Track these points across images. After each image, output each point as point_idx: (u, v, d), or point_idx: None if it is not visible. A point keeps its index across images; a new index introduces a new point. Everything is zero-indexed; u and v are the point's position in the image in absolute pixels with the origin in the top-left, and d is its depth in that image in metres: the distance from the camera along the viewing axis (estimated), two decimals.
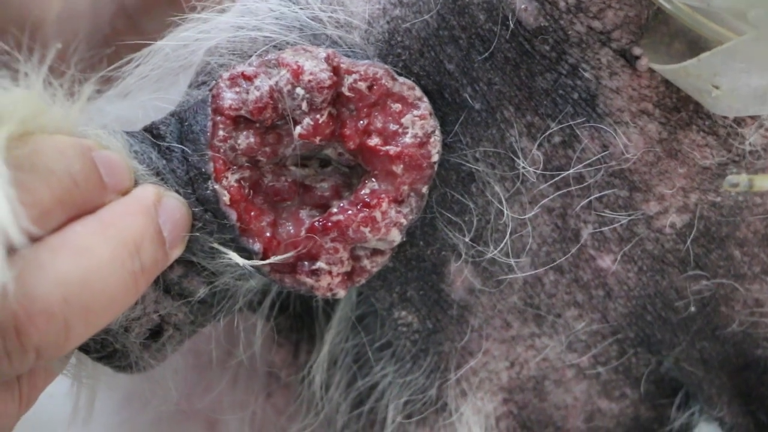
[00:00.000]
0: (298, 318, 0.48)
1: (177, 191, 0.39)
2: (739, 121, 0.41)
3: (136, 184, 0.39)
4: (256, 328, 0.46)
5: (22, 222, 0.32)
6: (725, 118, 0.41)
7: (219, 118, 0.39)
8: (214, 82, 0.40)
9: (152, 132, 0.40)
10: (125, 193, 0.38)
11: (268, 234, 0.40)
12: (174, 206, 0.39)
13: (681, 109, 0.41)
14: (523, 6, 0.40)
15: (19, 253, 0.33)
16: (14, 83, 0.35)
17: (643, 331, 0.45)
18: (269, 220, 0.40)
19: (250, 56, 0.41)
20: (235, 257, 0.39)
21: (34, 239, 0.34)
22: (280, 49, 0.41)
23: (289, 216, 0.41)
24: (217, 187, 0.39)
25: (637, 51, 0.40)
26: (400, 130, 0.40)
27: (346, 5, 0.41)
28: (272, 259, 0.40)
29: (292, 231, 0.41)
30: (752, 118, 0.41)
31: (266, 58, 0.40)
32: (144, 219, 0.37)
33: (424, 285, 0.45)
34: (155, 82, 0.42)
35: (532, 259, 0.44)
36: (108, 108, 0.43)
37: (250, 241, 0.40)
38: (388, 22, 0.41)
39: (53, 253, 0.34)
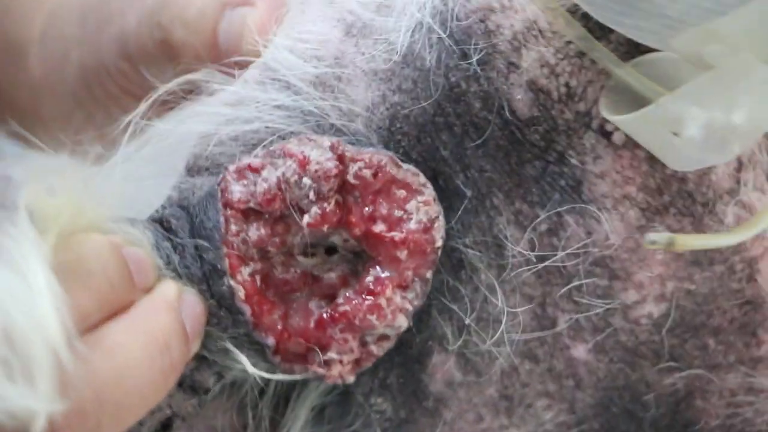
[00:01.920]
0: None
1: (191, 287, 0.40)
2: (715, 199, 0.42)
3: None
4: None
5: (70, 334, 0.33)
6: (704, 194, 0.42)
7: (230, 212, 0.40)
8: (221, 175, 0.40)
9: (162, 224, 0.41)
10: (150, 289, 0.39)
11: (279, 327, 0.41)
12: (193, 301, 0.40)
13: (663, 191, 0.42)
14: (518, 97, 0.41)
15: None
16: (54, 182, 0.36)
17: (609, 423, 0.46)
18: (281, 314, 0.41)
19: (253, 145, 0.41)
20: (246, 365, 0.41)
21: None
22: (283, 138, 0.41)
23: (299, 307, 0.41)
24: (232, 283, 0.40)
25: (609, 127, 0.41)
26: (404, 216, 0.41)
27: (348, 93, 0.42)
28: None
29: (302, 323, 0.41)
30: (728, 193, 0.42)
31: (271, 148, 0.41)
32: (171, 316, 0.38)
33: (406, 373, 0.44)
34: (151, 164, 0.42)
35: (511, 348, 0.44)
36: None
37: (263, 335, 0.40)
38: (387, 109, 0.42)
39: (89, 353, 0.34)
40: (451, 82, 0.42)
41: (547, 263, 0.43)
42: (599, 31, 0.41)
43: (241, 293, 0.40)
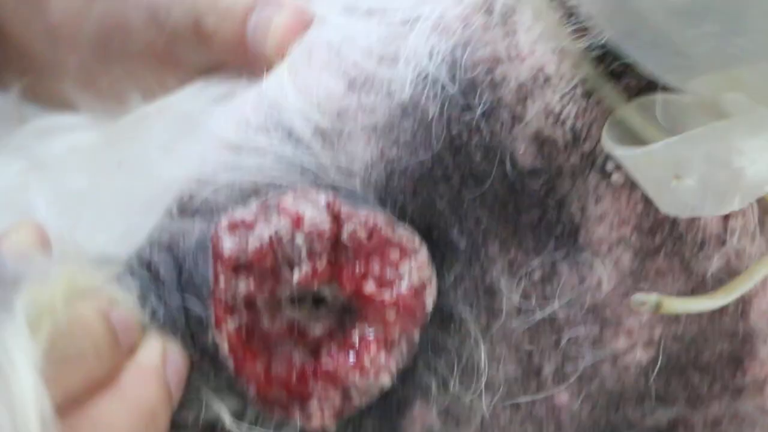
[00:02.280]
0: None
1: (175, 338, 0.39)
2: (704, 242, 0.42)
3: None
4: None
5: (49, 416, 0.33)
6: (694, 237, 0.42)
7: (220, 267, 0.39)
8: (212, 228, 0.39)
9: (149, 268, 0.40)
10: (134, 347, 0.39)
11: (262, 377, 0.40)
12: (177, 359, 0.39)
13: (656, 232, 0.41)
14: (521, 150, 0.40)
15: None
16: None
17: None
18: (263, 364, 0.40)
19: (249, 193, 0.40)
20: (226, 419, 0.40)
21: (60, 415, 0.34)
22: (280, 188, 0.40)
23: (283, 357, 0.41)
24: (216, 337, 0.39)
25: (609, 167, 0.40)
26: (396, 279, 0.40)
27: (348, 150, 0.41)
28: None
29: (284, 374, 0.40)
30: (718, 241, 0.42)
31: (266, 201, 0.39)
32: (157, 385, 0.38)
33: (384, 422, 0.44)
34: (136, 200, 0.41)
35: (492, 396, 0.43)
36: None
37: (245, 384, 0.40)
38: (385, 166, 0.41)
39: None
40: (453, 134, 0.40)
41: (537, 312, 0.42)
42: (609, 75, 0.40)
43: (225, 347, 0.39)
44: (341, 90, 0.42)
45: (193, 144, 0.43)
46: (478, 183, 0.41)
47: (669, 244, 0.42)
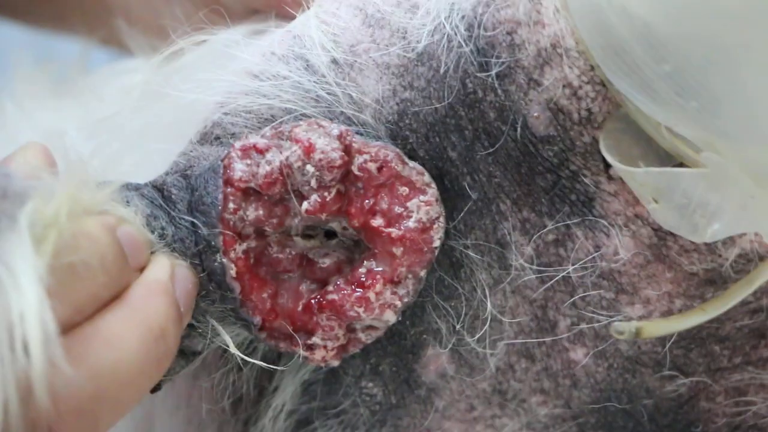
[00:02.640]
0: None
1: (184, 260, 0.40)
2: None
3: None
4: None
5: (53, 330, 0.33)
6: None
7: (229, 189, 0.39)
8: (225, 151, 0.39)
9: (162, 192, 0.40)
10: (143, 267, 0.38)
11: (267, 306, 0.40)
12: (186, 277, 0.39)
13: None
14: (535, 114, 0.39)
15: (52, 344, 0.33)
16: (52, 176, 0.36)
17: (605, 419, 0.45)
18: (270, 292, 0.41)
19: (265, 120, 0.40)
20: (231, 346, 0.40)
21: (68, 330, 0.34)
22: (295, 118, 0.40)
23: (290, 288, 0.41)
24: (224, 260, 0.39)
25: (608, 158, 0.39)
26: (404, 214, 0.40)
27: (358, 83, 0.41)
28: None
29: (290, 305, 0.41)
30: (731, 238, 0.40)
31: (280, 128, 0.40)
32: (166, 301, 0.37)
33: (399, 362, 0.44)
34: (163, 128, 0.42)
35: (507, 347, 0.44)
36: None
37: (250, 312, 0.40)
38: (397, 104, 0.40)
39: (85, 346, 0.34)
40: (467, 88, 0.39)
41: (551, 271, 0.42)
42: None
43: (232, 271, 0.40)
44: (357, 24, 0.41)
45: (221, 74, 0.43)
46: (491, 139, 0.40)
47: None
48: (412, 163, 0.40)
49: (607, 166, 0.40)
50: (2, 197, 0.34)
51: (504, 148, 0.40)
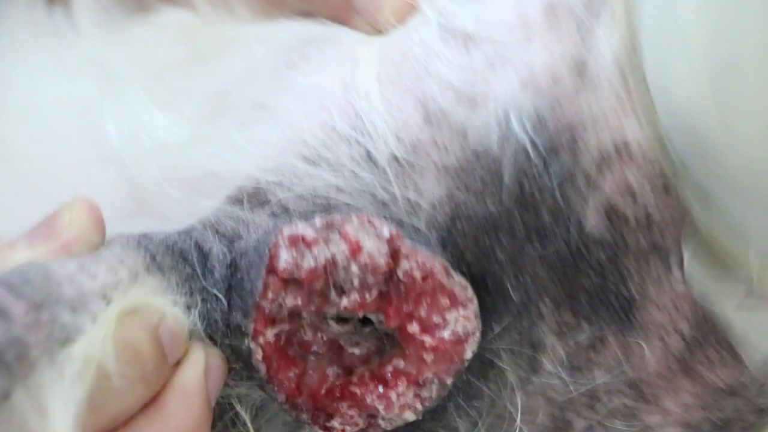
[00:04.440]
0: None
1: (212, 339, 0.39)
2: None
3: None
4: None
5: None
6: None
7: (272, 279, 0.38)
8: (273, 239, 0.39)
9: (204, 261, 0.40)
10: (179, 360, 0.38)
11: (293, 385, 0.40)
12: (218, 368, 0.39)
13: (704, 325, 0.41)
14: (593, 219, 0.39)
15: None
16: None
17: None
18: (297, 372, 0.40)
19: (316, 206, 0.40)
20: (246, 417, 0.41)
21: None
22: (348, 208, 0.40)
23: (316, 368, 0.41)
24: (252, 345, 0.39)
25: (673, 260, 0.40)
26: (441, 324, 0.40)
27: (418, 185, 0.40)
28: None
29: (315, 385, 0.40)
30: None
31: (330, 222, 0.39)
32: (201, 406, 0.37)
33: None
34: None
35: None
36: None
37: (275, 389, 0.40)
38: (451, 208, 0.40)
39: None
40: (525, 190, 0.39)
41: (579, 377, 0.42)
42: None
43: (258, 355, 0.39)
44: (419, 121, 0.41)
45: (271, 129, 0.42)
46: (543, 241, 0.40)
47: (713, 335, 0.41)
48: (457, 277, 0.40)
49: (659, 275, 0.40)
50: (38, 309, 0.33)
51: (555, 250, 0.40)
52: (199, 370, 0.38)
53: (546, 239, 0.40)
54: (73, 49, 0.47)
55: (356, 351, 0.41)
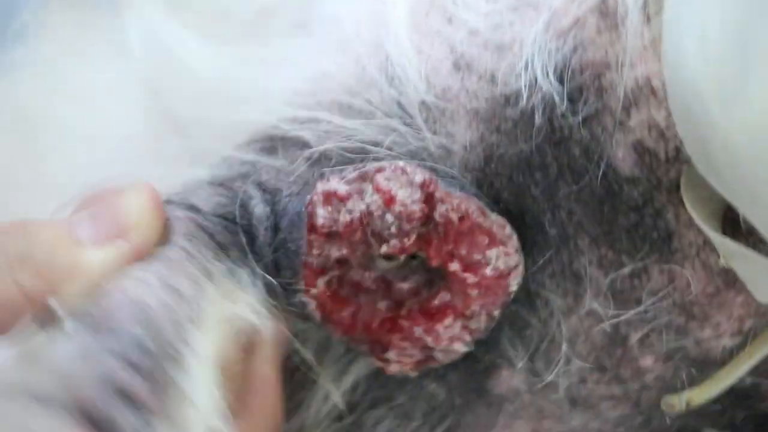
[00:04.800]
0: None
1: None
2: None
3: None
4: None
5: None
6: None
7: (313, 236, 0.40)
8: (308, 197, 0.40)
9: (250, 224, 0.41)
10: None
11: (348, 323, 0.41)
12: (284, 345, 0.41)
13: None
14: (621, 155, 0.39)
15: None
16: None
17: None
18: (351, 310, 0.42)
19: (349, 155, 0.41)
20: (312, 362, 0.42)
21: None
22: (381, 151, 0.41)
23: (369, 304, 0.42)
24: (305, 299, 0.40)
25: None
26: (483, 261, 0.40)
27: (449, 129, 0.41)
28: None
29: (368, 319, 0.42)
30: None
31: (362, 174, 0.40)
32: (278, 398, 0.39)
33: (469, 377, 0.45)
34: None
35: (580, 365, 0.44)
36: None
37: (332, 329, 0.42)
38: (484, 149, 0.40)
39: None
40: (554, 127, 0.39)
41: (625, 304, 0.42)
42: None
43: (312, 305, 0.41)
44: (448, 67, 0.41)
45: (302, 80, 0.43)
46: (575, 178, 0.40)
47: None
48: (494, 216, 0.40)
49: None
50: (159, 385, 0.34)
51: (587, 186, 0.40)
52: (273, 363, 0.39)
53: (579, 176, 0.40)
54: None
55: (405, 285, 0.42)
